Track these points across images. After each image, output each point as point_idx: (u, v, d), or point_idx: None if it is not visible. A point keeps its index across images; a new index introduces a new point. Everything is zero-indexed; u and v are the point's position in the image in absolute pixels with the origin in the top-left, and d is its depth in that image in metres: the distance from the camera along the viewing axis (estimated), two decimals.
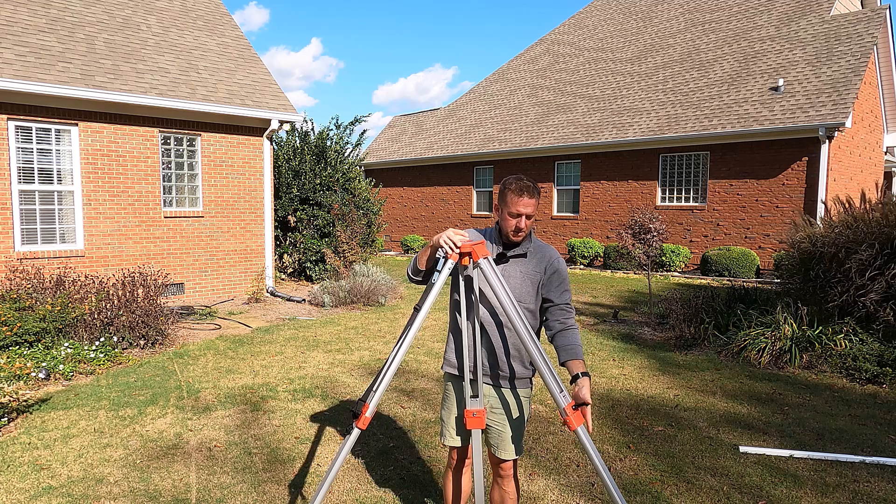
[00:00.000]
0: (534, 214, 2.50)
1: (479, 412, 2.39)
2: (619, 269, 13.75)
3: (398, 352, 2.27)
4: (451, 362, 2.66)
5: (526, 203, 2.44)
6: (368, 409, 2.25)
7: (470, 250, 2.30)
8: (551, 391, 2.22)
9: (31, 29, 8.41)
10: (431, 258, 2.43)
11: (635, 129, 14.30)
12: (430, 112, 23.43)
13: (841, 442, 4.13)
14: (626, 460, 3.85)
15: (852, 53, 12.50)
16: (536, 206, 2.47)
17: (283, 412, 4.69)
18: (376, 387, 2.27)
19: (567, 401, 2.21)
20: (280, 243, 11.82)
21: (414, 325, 2.29)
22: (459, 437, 2.65)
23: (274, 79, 10.69)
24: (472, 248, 2.30)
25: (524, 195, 2.43)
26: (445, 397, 2.70)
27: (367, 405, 2.25)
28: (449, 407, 2.67)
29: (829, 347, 5.84)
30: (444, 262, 2.29)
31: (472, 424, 2.39)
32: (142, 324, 6.57)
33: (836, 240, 6.36)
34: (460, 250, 2.30)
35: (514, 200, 2.44)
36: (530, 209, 2.45)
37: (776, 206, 12.33)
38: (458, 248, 2.29)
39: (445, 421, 2.69)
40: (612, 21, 20.11)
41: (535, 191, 2.47)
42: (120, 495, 3.38)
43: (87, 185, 8.36)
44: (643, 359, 6.32)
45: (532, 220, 2.49)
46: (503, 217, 2.51)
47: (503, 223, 2.51)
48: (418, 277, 2.54)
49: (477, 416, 2.39)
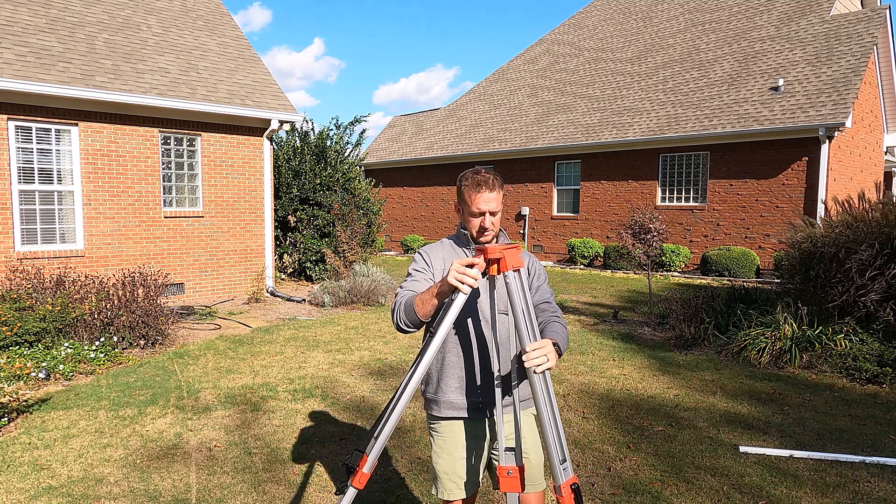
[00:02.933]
0: (498, 210, 2.10)
1: (515, 470, 1.89)
2: (619, 269, 13.75)
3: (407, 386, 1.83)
4: (453, 403, 2.16)
5: (486, 198, 2.06)
6: (367, 464, 1.79)
7: (500, 256, 1.81)
8: (549, 453, 1.71)
9: (31, 29, 8.41)
10: (439, 305, 1.93)
11: (635, 129, 14.30)
12: (430, 112, 23.43)
13: (841, 442, 4.13)
14: (626, 460, 3.85)
15: (852, 53, 12.49)
16: (498, 198, 2.09)
17: (283, 412, 4.69)
18: (378, 432, 1.82)
19: (568, 475, 1.73)
20: (280, 243, 11.82)
21: (428, 352, 1.83)
22: (467, 488, 2.17)
23: (274, 79, 10.69)
24: (502, 252, 1.81)
25: (482, 189, 2.06)
26: (440, 445, 2.20)
27: (365, 457, 1.80)
28: (449, 454, 2.18)
29: (829, 347, 5.84)
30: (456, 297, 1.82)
31: (508, 486, 1.88)
32: (142, 324, 6.57)
33: (836, 240, 6.36)
34: (488, 256, 1.82)
35: (472, 197, 2.07)
36: (493, 204, 2.07)
37: (776, 206, 12.32)
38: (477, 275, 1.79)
39: (446, 472, 2.17)
40: (612, 21, 20.11)
41: (496, 182, 2.08)
42: (120, 495, 3.38)
43: (87, 185, 8.36)
44: (643, 359, 6.32)
45: (497, 217, 2.12)
46: (465, 218, 2.15)
47: (468, 225, 2.15)
48: (414, 329, 2.04)
49: (513, 474, 1.88)
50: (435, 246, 2.26)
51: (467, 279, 1.77)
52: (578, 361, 6.18)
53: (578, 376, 5.68)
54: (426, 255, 2.23)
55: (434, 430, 2.23)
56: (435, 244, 2.28)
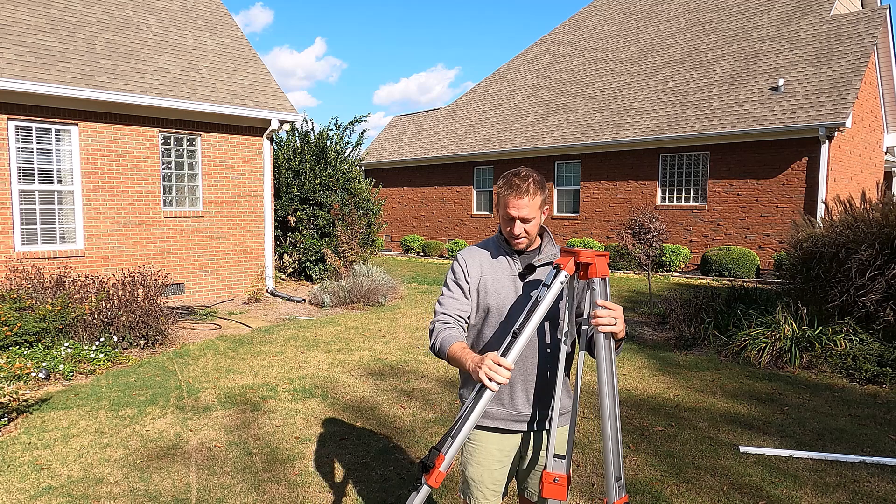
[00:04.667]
0: (532, 217, 1.96)
1: (563, 478, 1.84)
2: (619, 269, 13.75)
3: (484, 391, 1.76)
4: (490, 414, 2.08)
5: (515, 204, 1.94)
6: (444, 463, 1.74)
7: (591, 262, 1.74)
8: (606, 466, 1.70)
9: (31, 29, 8.41)
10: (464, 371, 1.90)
11: (635, 129, 14.30)
12: (430, 112, 23.43)
13: (841, 442, 4.13)
14: (626, 460, 3.85)
15: (852, 53, 12.49)
16: (534, 204, 1.95)
17: (283, 412, 4.69)
18: (455, 432, 1.75)
19: (621, 494, 1.70)
20: (280, 243, 11.82)
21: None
22: (492, 499, 2.14)
23: (274, 79, 10.69)
24: (594, 259, 1.74)
25: (511, 194, 1.94)
26: (470, 453, 2.15)
27: (442, 456, 1.74)
28: (479, 463, 2.12)
29: (829, 347, 5.84)
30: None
31: (552, 493, 1.84)
32: (142, 324, 6.57)
33: (836, 240, 6.36)
34: (579, 259, 1.76)
35: (506, 201, 1.97)
36: (525, 211, 1.94)
37: (776, 206, 12.32)
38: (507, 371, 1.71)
39: (477, 480, 2.12)
40: (612, 21, 20.11)
41: (531, 187, 1.94)
42: (120, 495, 3.38)
43: (87, 185, 8.36)
44: (643, 359, 6.32)
45: (533, 224, 1.98)
46: (502, 220, 2.05)
47: (503, 228, 2.07)
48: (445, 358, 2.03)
49: (559, 482, 1.83)
50: (474, 251, 2.14)
51: (497, 377, 1.68)
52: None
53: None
54: (463, 263, 2.12)
55: (468, 438, 2.14)
56: (474, 247, 2.16)
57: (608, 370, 1.73)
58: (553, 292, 1.74)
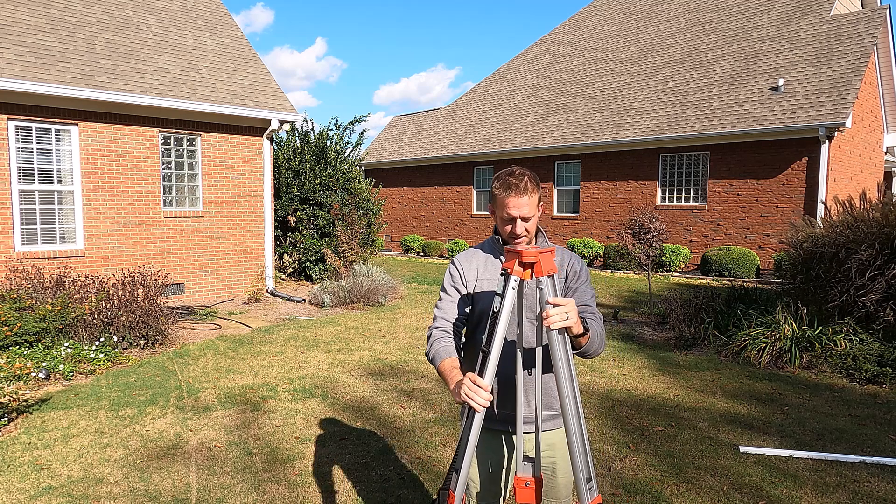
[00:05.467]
0: (532, 215, 1.96)
1: (532, 481, 1.83)
2: (619, 269, 13.75)
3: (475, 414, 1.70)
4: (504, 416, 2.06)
5: (516, 203, 1.92)
6: (455, 500, 1.67)
7: (535, 261, 1.69)
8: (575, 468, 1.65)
9: (31, 29, 8.41)
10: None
11: (635, 129, 14.30)
12: (430, 112, 23.43)
13: (841, 442, 4.13)
14: (626, 460, 3.85)
15: (852, 53, 12.49)
16: (532, 202, 1.94)
17: (283, 412, 4.69)
18: (459, 462, 1.70)
19: (593, 496, 1.67)
20: (280, 243, 11.82)
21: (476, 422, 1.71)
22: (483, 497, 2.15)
23: (274, 79, 10.69)
24: (538, 257, 1.69)
25: (510, 193, 1.92)
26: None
27: (452, 495, 1.67)
28: (478, 461, 2.12)
29: (829, 347, 5.84)
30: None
31: (524, 497, 1.85)
32: (142, 324, 6.57)
33: (836, 240, 6.36)
34: (523, 260, 1.71)
35: (502, 201, 1.95)
36: (526, 209, 1.93)
37: (776, 206, 12.32)
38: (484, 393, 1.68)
39: (475, 480, 2.14)
40: (612, 21, 20.11)
41: (528, 185, 1.92)
42: (120, 495, 3.38)
43: (87, 185, 8.36)
44: (643, 359, 6.32)
45: (532, 222, 1.98)
46: (498, 222, 2.05)
47: (500, 229, 2.05)
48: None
49: (531, 486, 1.83)
50: (470, 254, 2.14)
51: (477, 399, 1.66)
52: (578, 361, 6.18)
53: (578, 376, 5.68)
54: (460, 267, 2.11)
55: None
56: (471, 250, 2.15)
57: (566, 368, 1.68)
58: (509, 300, 1.69)
